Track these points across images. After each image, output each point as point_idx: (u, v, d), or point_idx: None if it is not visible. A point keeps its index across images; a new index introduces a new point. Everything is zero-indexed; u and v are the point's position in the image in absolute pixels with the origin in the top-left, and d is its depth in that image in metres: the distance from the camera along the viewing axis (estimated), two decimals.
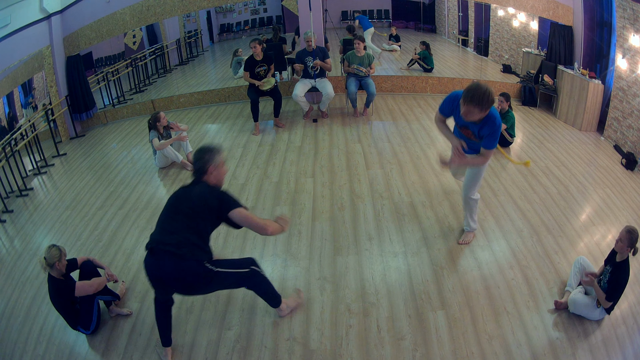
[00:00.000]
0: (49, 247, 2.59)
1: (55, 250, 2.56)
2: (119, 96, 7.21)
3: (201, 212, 2.27)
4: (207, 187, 2.34)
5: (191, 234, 2.25)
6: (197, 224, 2.27)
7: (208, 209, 2.28)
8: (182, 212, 2.28)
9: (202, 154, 2.35)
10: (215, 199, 2.29)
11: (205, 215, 2.28)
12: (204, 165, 2.34)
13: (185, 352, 2.57)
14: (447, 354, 2.48)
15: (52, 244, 2.62)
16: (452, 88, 6.95)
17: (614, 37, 5.28)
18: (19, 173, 5.01)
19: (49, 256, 2.53)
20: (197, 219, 2.27)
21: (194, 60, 8.42)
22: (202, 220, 2.28)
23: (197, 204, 2.27)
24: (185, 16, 7.92)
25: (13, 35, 5.35)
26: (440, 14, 8.73)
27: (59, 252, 2.56)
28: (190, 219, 2.26)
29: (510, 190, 4.09)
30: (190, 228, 2.26)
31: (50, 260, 2.53)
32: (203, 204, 2.27)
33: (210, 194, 2.30)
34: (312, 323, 2.71)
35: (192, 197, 2.30)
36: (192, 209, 2.27)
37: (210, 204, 2.27)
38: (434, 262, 3.17)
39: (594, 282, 2.64)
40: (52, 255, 2.54)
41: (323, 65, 5.55)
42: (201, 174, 2.36)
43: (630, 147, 4.84)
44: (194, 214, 2.26)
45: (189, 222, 2.26)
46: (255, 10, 9.07)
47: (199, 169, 2.35)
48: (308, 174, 4.49)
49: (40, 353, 2.65)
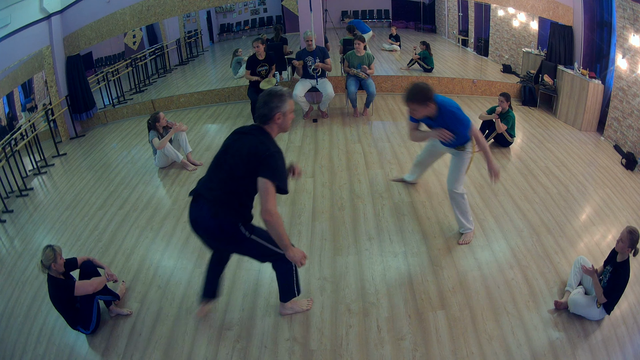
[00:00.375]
0: (44, 248, 2.59)
1: (49, 251, 2.56)
2: (119, 96, 7.21)
3: (243, 170, 2.13)
4: (260, 140, 2.14)
5: (229, 194, 2.18)
6: (236, 184, 2.16)
7: (250, 167, 2.11)
8: (225, 166, 2.19)
9: (271, 98, 2.15)
10: (260, 157, 2.09)
11: (246, 173, 2.12)
12: (270, 112, 2.14)
13: (185, 352, 2.57)
14: (447, 354, 2.48)
15: (48, 244, 2.62)
16: (452, 88, 6.96)
17: (614, 37, 5.28)
18: (19, 173, 5.01)
19: (44, 258, 2.54)
20: (237, 178, 2.15)
21: (194, 60, 8.42)
22: (243, 179, 2.14)
23: (239, 162, 2.13)
24: (185, 16, 7.92)
25: (13, 35, 5.35)
26: (440, 14, 8.73)
27: (53, 254, 2.56)
28: (231, 177, 2.16)
29: (510, 190, 4.09)
30: (229, 187, 2.17)
31: (46, 262, 2.54)
32: (246, 161, 2.12)
33: (258, 150, 2.10)
34: (312, 323, 2.71)
35: (239, 151, 2.15)
36: (235, 165, 2.15)
37: (253, 160, 2.10)
38: (434, 262, 3.17)
39: (594, 274, 2.63)
40: (47, 257, 2.54)
41: (324, 67, 5.56)
42: (265, 121, 2.17)
43: (630, 147, 4.84)
44: (235, 171, 2.15)
45: (228, 180, 2.17)
46: (255, 10, 9.07)
47: (264, 115, 2.16)
48: (308, 174, 4.49)
49: (40, 353, 2.65)
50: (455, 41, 8.40)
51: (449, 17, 8.47)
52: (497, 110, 4.83)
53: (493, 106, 4.96)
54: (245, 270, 3.18)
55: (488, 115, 4.93)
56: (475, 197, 3.97)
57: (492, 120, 4.88)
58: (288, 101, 2.19)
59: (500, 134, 4.87)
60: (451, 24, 8.41)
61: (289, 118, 2.23)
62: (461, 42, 8.25)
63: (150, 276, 3.19)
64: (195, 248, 3.45)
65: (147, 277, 3.18)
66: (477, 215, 3.69)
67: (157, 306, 2.91)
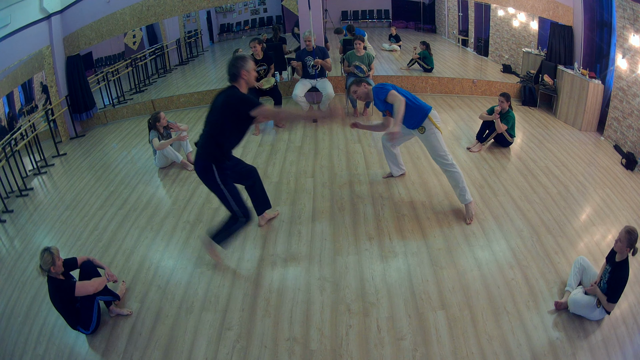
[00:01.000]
0: (42, 251, 2.56)
1: (47, 255, 2.54)
2: (119, 96, 7.21)
3: (218, 116, 2.78)
4: (231, 93, 2.75)
5: (208, 137, 2.82)
6: (214, 129, 2.80)
7: (225, 112, 2.75)
8: (210, 117, 2.85)
9: (236, 60, 2.77)
10: (237, 99, 2.72)
11: (226, 112, 2.75)
12: (237, 70, 2.75)
13: (185, 352, 2.57)
14: (447, 354, 2.48)
15: (45, 247, 2.59)
16: (452, 88, 6.96)
17: (614, 37, 5.28)
18: (19, 173, 5.01)
19: (43, 263, 2.53)
20: (214, 124, 2.80)
21: (194, 60, 8.42)
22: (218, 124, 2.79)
23: (216, 111, 2.79)
24: (185, 16, 7.92)
25: (13, 35, 5.35)
26: (440, 14, 8.73)
27: (51, 257, 2.54)
28: (211, 125, 2.82)
29: (510, 190, 4.09)
30: (209, 132, 2.82)
31: (45, 266, 2.54)
32: (221, 110, 2.76)
33: (230, 99, 2.74)
34: (312, 323, 2.71)
35: (216, 104, 2.80)
36: (213, 115, 2.81)
37: (227, 107, 2.74)
38: (434, 262, 3.17)
39: (596, 289, 2.64)
40: (45, 261, 2.53)
41: (323, 64, 5.55)
42: (235, 78, 2.78)
43: (630, 147, 4.84)
44: (213, 120, 2.81)
45: (211, 127, 2.82)
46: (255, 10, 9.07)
47: (233, 74, 2.77)
48: (308, 174, 4.49)
49: (40, 353, 2.65)
50: (455, 41, 8.39)
51: (449, 17, 8.47)
52: (497, 110, 4.83)
53: (493, 106, 4.96)
54: (246, 270, 3.18)
55: (488, 115, 4.93)
56: (475, 197, 3.97)
57: (492, 120, 4.89)
58: (249, 61, 2.81)
59: (500, 134, 4.87)
60: (451, 24, 8.41)
61: (252, 75, 2.83)
62: (461, 42, 8.25)
63: (150, 276, 3.19)
64: (195, 248, 3.45)
65: (147, 277, 3.18)
66: (477, 215, 3.69)
67: (157, 306, 2.91)
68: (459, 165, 4.54)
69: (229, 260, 3.27)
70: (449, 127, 5.65)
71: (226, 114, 2.76)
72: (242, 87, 2.80)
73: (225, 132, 2.81)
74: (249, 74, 2.79)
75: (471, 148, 4.96)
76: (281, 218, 3.76)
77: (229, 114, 2.76)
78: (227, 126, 2.78)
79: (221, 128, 2.80)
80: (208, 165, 2.84)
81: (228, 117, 2.76)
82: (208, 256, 3.25)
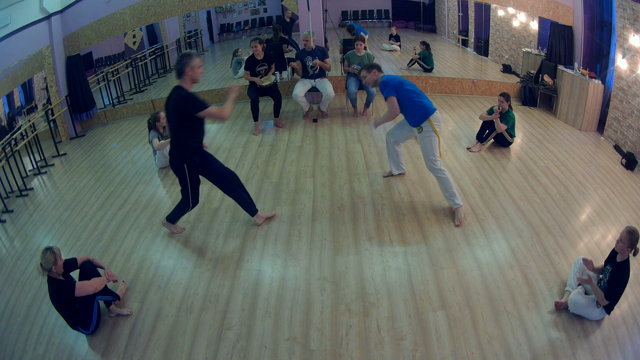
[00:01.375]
0: (43, 251, 2.56)
1: (49, 254, 2.54)
2: (119, 96, 7.21)
3: (174, 115, 2.96)
4: (176, 95, 2.90)
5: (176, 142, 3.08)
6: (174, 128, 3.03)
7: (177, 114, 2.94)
8: (169, 122, 3.09)
9: (182, 58, 2.88)
10: (183, 101, 2.88)
11: (178, 115, 2.95)
12: (182, 67, 2.87)
13: (185, 352, 2.57)
14: (447, 354, 2.48)
15: (47, 247, 2.59)
16: (452, 88, 6.96)
17: (614, 37, 5.28)
18: (19, 173, 5.01)
19: (45, 262, 2.53)
20: (174, 124, 3.03)
21: None
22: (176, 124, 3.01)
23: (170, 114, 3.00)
24: (185, 16, 7.92)
25: (13, 35, 5.35)
26: (440, 14, 8.73)
27: (53, 257, 2.54)
28: (173, 129, 3.06)
29: (510, 190, 4.09)
30: (175, 136, 3.07)
31: (46, 265, 2.53)
32: (173, 114, 2.97)
33: (177, 103, 2.90)
34: (312, 323, 2.71)
35: (168, 109, 2.99)
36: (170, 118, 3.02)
37: (175, 110, 2.93)
38: (434, 262, 3.17)
39: (591, 280, 2.63)
40: (47, 260, 2.53)
41: (322, 65, 5.55)
42: (180, 75, 2.90)
43: (630, 147, 4.84)
44: (172, 122, 3.03)
45: (173, 132, 3.06)
46: (255, 10, 9.08)
47: (178, 70, 2.89)
48: (308, 174, 4.49)
49: (40, 353, 2.65)
50: (455, 41, 8.39)
51: (449, 17, 8.47)
52: (496, 109, 4.83)
53: (492, 106, 4.96)
54: (246, 270, 3.18)
55: (488, 115, 4.93)
56: (475, 197, 3.97)
57: (492, 120, 4.89)
58: (195, 58, 2.92)
59: (500, 134, 4.87)
60: (451, 24, 8.41)
61: (197, 71, 2.94)
62: (461, 42, 8.25)
63: (150, 276, 3.19)
64: (195, 248, 3.45)
65: (147, 277, 3.18)
66: (477, 215, 3.69)
67: (157, 306, 2.91)
68: (459, 166, 4.57)
69: (229, 261, 3.28)
70: (449, 127, 5.65)
71: (179, 117, 2.96)
72: (187, 84, 2.94)
73: (185, 132, 3.04)
74: (193, 70, 2.91)
75: (471, 148, 4.96)
76: (281, 218, 3.76)
77: (181, 116, 2.95)
78: (186, 126, 3.01)
79: (181, 131, 3.03)
80: (180, 164, 3.15)
81: (181, 119, 2.96)
82: (209, 253, 3.28)
